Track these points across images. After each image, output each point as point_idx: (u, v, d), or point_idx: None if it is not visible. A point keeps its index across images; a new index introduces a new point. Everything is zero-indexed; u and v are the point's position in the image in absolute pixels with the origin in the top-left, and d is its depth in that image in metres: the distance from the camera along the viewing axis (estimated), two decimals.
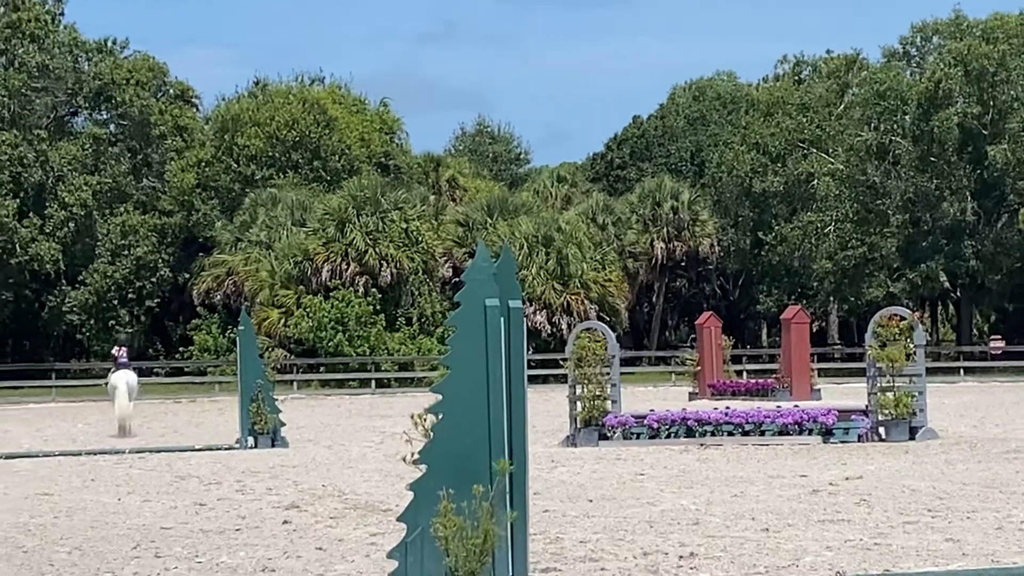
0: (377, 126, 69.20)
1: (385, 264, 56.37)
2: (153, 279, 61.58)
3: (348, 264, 56.19)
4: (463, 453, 9.39)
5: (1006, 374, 53.04)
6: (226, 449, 25.83)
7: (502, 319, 9.50)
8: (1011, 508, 15.18)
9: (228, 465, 22.52)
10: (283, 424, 26.49)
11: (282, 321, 55.68)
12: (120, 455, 24.89)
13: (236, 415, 27.76)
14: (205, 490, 18.95)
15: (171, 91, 66.33)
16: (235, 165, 63.46)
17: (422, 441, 9.47)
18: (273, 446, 25.82)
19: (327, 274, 56.00)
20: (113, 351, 35.07)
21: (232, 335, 53.00)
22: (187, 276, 61.97)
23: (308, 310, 55.31)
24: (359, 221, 56.73)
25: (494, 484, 9.28)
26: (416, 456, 9.46)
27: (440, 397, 9.50)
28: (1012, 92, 57.60)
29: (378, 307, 56.02)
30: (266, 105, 65.47)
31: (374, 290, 56.10)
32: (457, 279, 54.85)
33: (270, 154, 63.48)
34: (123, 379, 30.56)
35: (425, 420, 9.48)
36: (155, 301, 62.43)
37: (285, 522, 15.34)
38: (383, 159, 67.06)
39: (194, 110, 68.54)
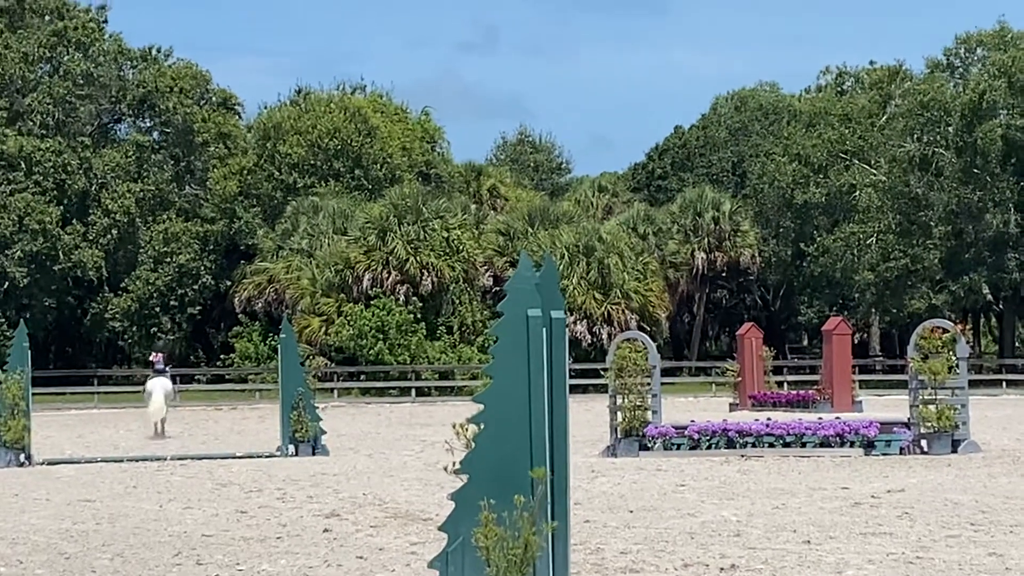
0: (419, 135, 69.26)
1: (426, 273, 56.46)
2: (195, 286, 61.81)
3: (389, 272, 56.28)
4: (504, 463, 9.37)
5: None
6: (267, 457, 25.92)
7: (544, 329, 9.49)
8: None
9: (269, 473, 22.58)
10: (324, 432, 26.57)
11: (323, 329, 55.82)
12: (161, 462, 25.01)
13: (277, 423, 27.87)
14: (246, 498, 19.00)
15: (214, 99, 66.68)
16: (277, 173, 63.64)
17: (463, 450, 9.48)
18: (314, 454, 25.92)
19: (368, 282, 56.10)
20: (151, 357, 35.71)
21: (273, 343, 53.28)
22: (229, 284, 62.17)
23: (349, 318, 55.41)
24: (400, 230, 56.84)
25: (535, 494, 9.26)
26: (457, 465, 9.46)
27: (482, 406, 9.50)
28: None
29: (419, 316, 56.09)
30: (308, 113, 65.63)
31: (415, 299, 56.17)
32: (498, 288, 54.97)
33: (312, 162, 63.63)
34: (158, 384, 32.34)
35: (467, 430, 9.47)
36: (197, 308, 62.67)
37: (326, 530, 15.36)
38: (424, 168, 67.13)
39: (236, 118, 68.81)
